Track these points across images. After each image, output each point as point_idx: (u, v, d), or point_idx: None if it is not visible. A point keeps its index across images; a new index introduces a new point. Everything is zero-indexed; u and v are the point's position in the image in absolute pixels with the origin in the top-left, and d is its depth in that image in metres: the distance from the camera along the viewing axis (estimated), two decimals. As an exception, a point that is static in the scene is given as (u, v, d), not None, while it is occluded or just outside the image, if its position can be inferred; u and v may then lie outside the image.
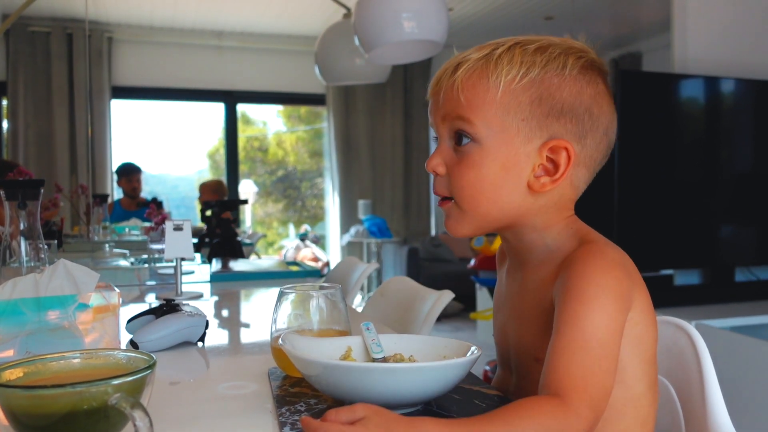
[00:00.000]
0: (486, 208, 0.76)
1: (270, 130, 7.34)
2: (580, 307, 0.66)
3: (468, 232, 0.79)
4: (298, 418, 0.72)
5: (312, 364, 0.72)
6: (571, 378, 0.62)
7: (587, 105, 0.74)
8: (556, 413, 0.60)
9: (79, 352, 0.66)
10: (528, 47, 0.74)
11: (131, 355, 0.66)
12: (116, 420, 0.59)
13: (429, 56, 2.67)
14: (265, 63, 6.12)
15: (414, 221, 6.46)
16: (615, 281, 0.68)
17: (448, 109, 0.76)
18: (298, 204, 7.36)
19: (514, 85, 0.73)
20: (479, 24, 5.72)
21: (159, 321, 1.09)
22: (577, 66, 0.74)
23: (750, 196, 3.24)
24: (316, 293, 0.90)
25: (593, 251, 0.70)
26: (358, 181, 6.27)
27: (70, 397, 0.56)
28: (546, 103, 0.73)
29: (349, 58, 3.09)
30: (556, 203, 0.77)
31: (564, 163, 0.73)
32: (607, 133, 0.77)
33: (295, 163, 7.40)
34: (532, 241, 0.78)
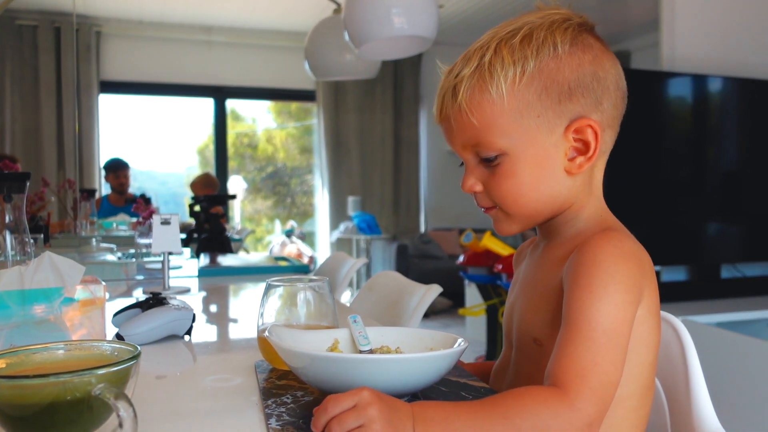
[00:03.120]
0: (532, 207, 0.76)
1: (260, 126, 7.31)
2: (588, 297, 0.65)
3: (518, 230, 0.79)
4: (284, 410, 0.72)
5: (299, 356, 0.72)
6: (573, 369, 0.61)
7: (591, 71, 0.73)
8: (554, 405, 0.59)
9: (63, 343, 0.65)
10: (513, 42, 0.72)
11: (116, 346, 0.66)
12: (100, 411, 0.59)
13: (418, 52, 2.67)
14: (255, 59, 6.09)
15: (403, 218, 6.46)
16: (626, 271, 0.67)
17: (465, 138, 0.75)
18: (288, 200, 7.34)
19: (516, 87, 0.72)
20: (469, 21, 5.72)
21: (145, 314, 1.08)
22: (567, 39, 0.72)
23: (736, 194, 3.27)
24: (303, 286, 0.90)
25: (609, 238, 0.69)
26: (347, 177, 6.27)
27: (53, 388, 0.56)
28: (553, 91, 0.72)
29: (338, 53, 3.08)
30: (589, 176, 0.77)
31: (593, 139, 0.73)
32: (618, 85, 0.76)
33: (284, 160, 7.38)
34: (564, 222, 0.78)
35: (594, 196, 0.78)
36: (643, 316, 0.70)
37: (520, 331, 0.80)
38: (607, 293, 0.65)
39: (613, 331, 0.64)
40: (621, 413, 0.72)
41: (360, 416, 0.56)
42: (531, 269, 0.82)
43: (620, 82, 0.76)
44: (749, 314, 2.96)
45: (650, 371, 0.74)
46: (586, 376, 0.61)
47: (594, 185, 0.78)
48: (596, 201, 0.78)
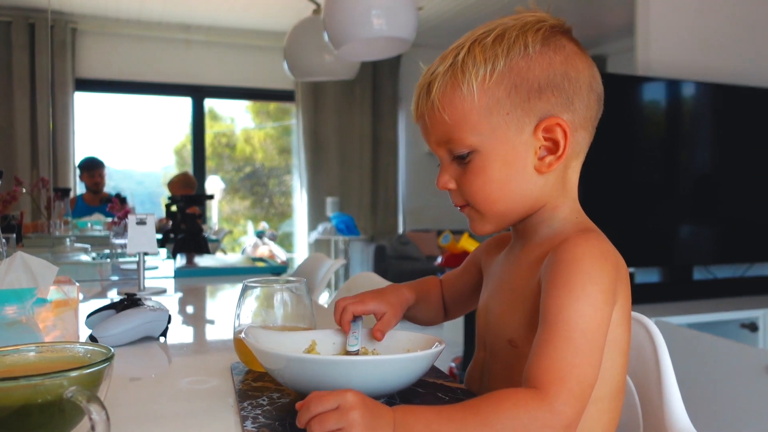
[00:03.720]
0: (503, 206, 0.76)
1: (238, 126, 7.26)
2: (566, 297, 0.65)
3: (492, 230, 0.80)
4: (260, 412, 0.72)
5: (275, 358, 0.71)
6: (551, 372, 0.62)
7: (562, 71, 0.73)
8: (533, 409, 0.59)
9: (34, 345, 0.64)
10: (486, 41, 0.74)
11: (88, 347, 0.65)
12: (72, 414, 0.58)
13: (398, 53, 2.67)
14: (234, 58, 6.06)
15: (381, 219, 6.46)
16: (603, 272, 0.67)
17: (439, 135, 0.77)
18: (266, 201, 7.30)
19: (486, 84, 0.72)
20: (449, 23, 5.74)
21: (120, 315, 1.07)
22: (538, 40, 0.73)
23: (708, 197, 3.32)
24: (280, 287, 0.89)
25: (587, 239, 0.70)
26: (326, 178, 6.25)
27: (23, 390, 0.55)
28: (522, 89, 0.73)
29: (318, 54, 3.08)
30: (562, 178, 0.77)
31: (561, 137, 0.73)
32: (592, 86, 0.76)
33: (263, 160, 7.34)
34: (539, 224, 0.78)
35: (569, 198, 0.78)
36: (618, 318, 0.71)
37: (495, 333, 0.80)
38: (585, 293, 0.65)
39: (590, 332, 0.64)
40: (594, 415, 0.72)
41: (341, 419, 0.56)
42: (506, 270, 0.82)
43: (594, 84, 0.76)
44: (720, 315, 3.01)
45: (622, 373, 0.74)
46: (564, 377, 0.61)
47: (568, 187, 0.78)
48: (571, 203, 0.78)
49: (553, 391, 0.60)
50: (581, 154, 0.78)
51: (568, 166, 0.77)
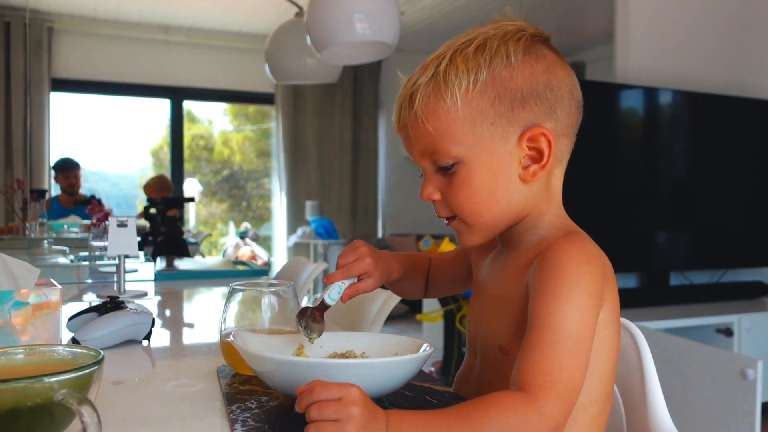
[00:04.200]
0: (489, 216, 0.76)
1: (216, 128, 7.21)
2: (553, 301, 0.66)
3: (481, 241, 0.80)
4: (249, 415, 0.71)
5: (265, 361, 0.71)
6: (540, 375, 0.62)
7: (544, 80, 0.74)
8: (519, 410, 0.59)
9: (22, 348, 0.63)
10: (467, 51, 0.73)
11: (76, 350, 0.64)
12: (61, 418, 0.57)
13: (380, 58, 2.68)
14: (214, 60, 6.02)
15: (361, 223, 6.46)
16: (590, 275, 0.68)
17: (422, 146, 0.76)
18: (243, 204, 7.26)
19: (470, 95, 0.72)
20: (430, 29, 5.77)
21: (103, 318, 1.06)
22: (520, 49, 0.73)
23: (684, 204, 3.38)
24: (267, 290, 0.89)
25: (573, 242, 0.71)
26: (305, 181, 6.23)
27: (13, 393, 0.54)
28: (506, 99, 0.72)
29: (299, 57, 3.08)
30: (546, 186, 0.78)
31: (546, 147, 0.74)
32: (572, 94, 0.76)
33: (241, 163, 7.30)
34: (525, 231, 0.79)
35: (553, 204, 0.79)
36: (605, 320, 0.71)
37: (485, 339, 0.80)
38: (572, 297, 0.66)
39: (578, 335, 0.65)
40: (583, 421, 0.72)
41: (340, 411, 0.56)
42: (494, 277, 0.82)
43: (575, 92, 0.77)
44: (696, 320, 3.06)
45: (611, 378, 0.75)
46: (552, 381, 0.62)
47: (552, 193, 0.79)
48: (556, 208, 0.79)
49: (542, 394, 0.61)
50: (563, 160, 0.79)
51: (552, 173, 0.78)
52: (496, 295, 0.80)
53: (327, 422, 0.56)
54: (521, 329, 0.72)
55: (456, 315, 3.26)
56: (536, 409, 0.60)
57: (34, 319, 1.05)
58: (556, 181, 0.79)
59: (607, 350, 0.73)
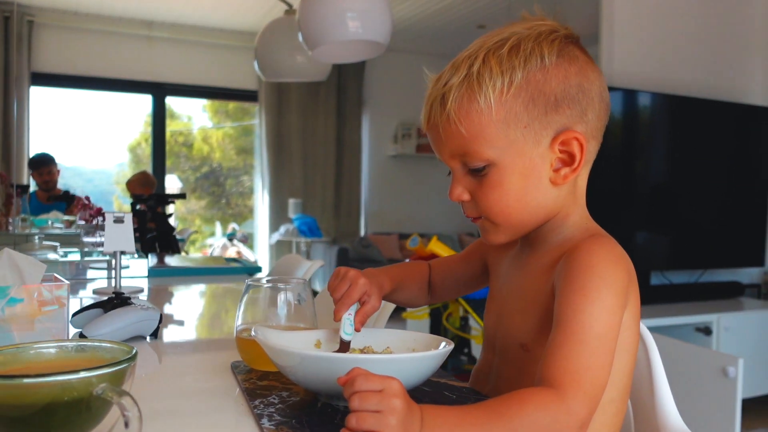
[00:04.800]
0: (518, 217, 0.76)
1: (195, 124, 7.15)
2: (582, 300, 0.67)
3: (507, 240, 0.80)
4: (274, 410, 0.72)
5: (290, 355, 0.72)
6: (568, 373, 0.63)
7: (577, 83, 0.73)
8: (550, 408, 0.60)
9: (55, 342, 0.63)
10: (501, 52, 0.73)
11: (106, 345, 0.64)
12: (97, 412, 0.57)
13: (372, 57, 2.69)
14: (197, 56, 5.97)
15: (344, 221, 6.46)
16: (617, 276, 0.69)
17: (453, 147, 0.75)
18: (222, 201, 7.21)
19: (504, 97, 0.72)
20: (413, 28, 5.79)
21: (111, 314, 1.06)
22: (554, 51, 0.73)
23: (664, 206, 3.44)
24: (284, 287, 0.90)
25: (601, 244, 0.71)
26: (288, 179, 6.22)
27: (51, 388, 0.54)
28: (540, 102, 0.72)
29: (289, 55, 3.07)
30: (573, 185, 0.78)
31: (578, 151, 0.74)
32: (602, 96, 0.76)
33: (220, 160, 7.25)
34: (550, 231, 0.79)
35: (578, 205, 0.80)
36: (627, 321, 0.72)
37: (506, 336, 0.81)
38: (600, 297, 0.67)
39: (604, 335, 0.66)
40: (602, 419, 0.73)
41: (382, 402, 0.56)
42: (516, 276, 0.83)
43: (604, 94, 0.77)
44: (676, 319, 3.12)
45: (629, 377, 0.76)
46: (580, 379, 0.63)
47: (578, 194, 0.80)
48: (580, 209, 0.80)
49: (571, 392, 0.62)
50: (590, 162, 0.79)
51: (579, 174, 0.78)
52: (518, 293, 0.80)
53: (368, 413, 0.56)
54: (545, 327, 0.74)
55: (443, 313, 3.28)
56: (565, 406, 0.61)
57: (40, 315, 1.04)
58: (581, 182, 0.80)
59: (627, 351, 0.74)
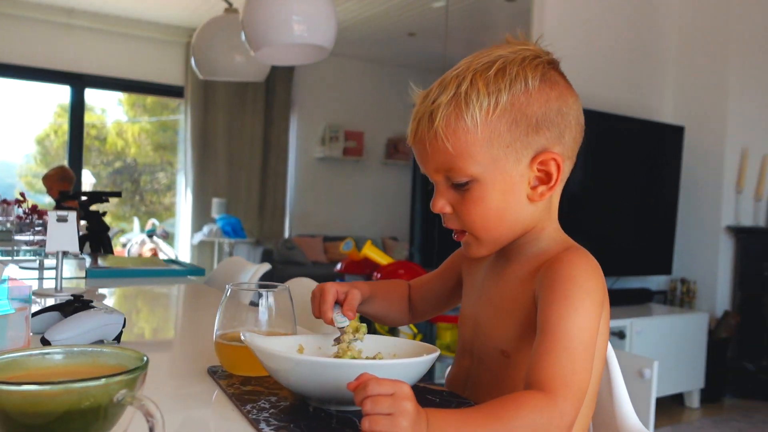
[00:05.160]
0: (498, 232, 0.81)
1: (109, 118, 6.88)
2: (565, 309, 0.72)
3: (487, 253, 0.85)
4: (268, 415, 0.73)
5: (283, 359, 0.74)
6: (556, 377, 0.68)
7: (557, 107, 0.79)
8: (543, 409, 0.65)
9: (60, 348, 0.62)
10: (488, 75, 0.77)
11: (109, 351, 0.64)
12: (113, 419, 0.57)
13: (315, 61, 2.70)
14: (120, 48, 5.76)
15: (268, 223, 6.40)
16: (596, 285, 0.74)
17: (439, 163, 0.79)
18: (136, 198, 6.97)
19: (489, 117, 0.76)
20: (345, 33, 5.81)
21: (74, 318, 1.03)
22: (537, 76, 0.78)
23: (580, 216, 3.62)
24: (266, 292, 0.91)
25: (579, 255, 0.77)
26: (213, 178, 6.10)
27: (70, 395, 0.54)
28: (522, 123, 0.77)
29: (228, 54, 3.03)
30: (548, 201, 0.83)
31: (555, 170, 0.79)
32: (578, 120, 0.82)
33: (136, 156, 7.01)
34: (525, 243, 0.84)
35: (552, 219, 0.85)
36: (601, 327, 0.78)
37: (485, 343, 0.85)
38: (582, 306, 0.72)
39: (587, 341, 0.71)
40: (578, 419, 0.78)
41: (394, 405, 0.58)
42: (495, 286, 0.87)
43: (580, 118, 0.83)
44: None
45: (599, 380, 0.82)
46: (568, 384, 0.68)
47: (552, 209, 0.85)
48: (554, 223, 0.85)
49: (561, 395, 0.67)
50: (564, 180, 0.85)
51: (554, 192, 0.83)
52: (497, 302, 0.85)
53: (381, 415, 0.58)
54: (525, 334, 0.79)
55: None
56: (557, 409, 0.66)
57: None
58: (555, 199, 0.85)
59: (600, 356, 0.80)
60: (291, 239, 6.27)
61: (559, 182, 0.81)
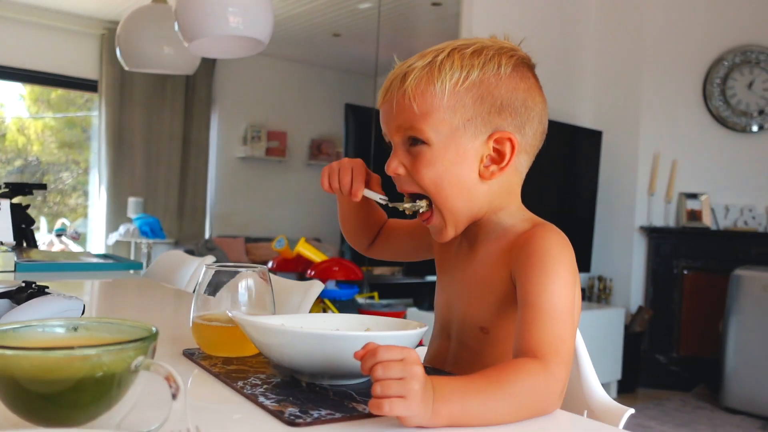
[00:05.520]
0: (454, 204, 0.83)
1: (9, 113, 6.47)
2: (545, 281, 0.75)
3: (454, 234, 0.86)
4: (263, 390, 0.73)
5: (282, 333, 0.73)
6: (546, 345, 0.71)
7: (522, 98, 0.83)
8: (539, 375, 0.68)
9: (59, 321, 0.59)
10: (465, 51, 0.82)
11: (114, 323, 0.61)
12: (125, 388, 0.55)
13: (250, 54, 2.65)
14: (26, 38, 5.44)
15: (188, 223, 6.21)
16: (570, 257, 0.79)
17: (401, 120, 0.82)
18: (38, 199, 6.60)
19: (458, 88, 0.80)
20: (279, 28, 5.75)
21: (30, 304, 0.97)
22: (510, 65, 0.82)
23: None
24: (246, 273, 0.89)
25: (550, 230, 0.81)
26: (129, 177, 5.85)
27: (84, 362, 0.51)
28: (487, 101, 0.81)
29: (156, 44, 2.93)
30: (507, 188, 0.86)
31: (509, 151, 0.82)
32: (541, 121, 0.86)
33: (38, 154, 6.64)
34: (488, 222, 0.87)
35: (512, 200, 0.88)
36: (576, 296, 0.81)
37: (463, 322, 0.88)
38: (560, 276, 0.76)
39: (568, 309, 0.75)
40: None
41: (405, 370, 0.60)
42: (466, 267, 0.89)
43: (543, 119, 0.87)
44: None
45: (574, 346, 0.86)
46: (558, 349, 0.71)
47: (511, 191, 0.87)
48: (515, 203, 0.88)
49: (553, 361, 0.70)
50: (522, 174, 0.89)
51: (510, 180, 0.86)
52: (472, 282, 0.87)
53: (392, 380, 0.60)
54: (502, 310, 0.83)
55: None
56: (551, 373, 0.69)
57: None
58: (515, 187, 0.88)
59: (576, 322, 0.83)
60: (212, 240, 6.11)
61: (512, 165, 0.84)
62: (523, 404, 0.67)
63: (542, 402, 0.69)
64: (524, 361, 0.70)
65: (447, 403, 0.62)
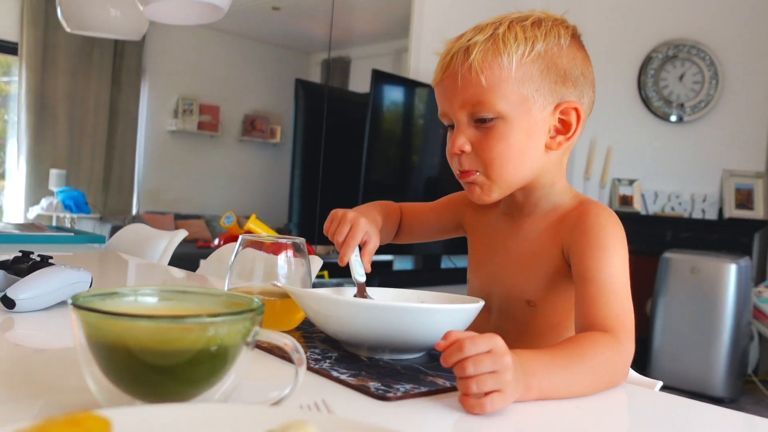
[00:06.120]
0: (512, 174, 0.83)
1: None
2: (603, 254, 0.77)
3: (497, 198, 0.85)
4: (329, 364, 0.70)
5: (345, 304, 0.72)
6: (612, 318, 0.73)
7: (581, 68, 0.84)
8: (614, 347, 0.70)
9: (152, 289, 0.55)
10: (525, 23, 0.81)
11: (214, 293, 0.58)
12: (231, 363, 0.52)
13: (208, 22, 2.54)
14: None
15: (114, 197, 5.94)
16: (622, 234, 0.81)
17: (468, 96, 0.81)
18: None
19: (524, 60, 0.80)
20: None
21: (38, 275, 0.90)
22: (568, 35, 0.83)
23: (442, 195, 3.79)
24: (286, 243, 0.86)
25: (602, 207, 0.83)
26: (51, 147, 5.52)
27: (202, 333, 0.48)
28: (552, 72, 0.81)
29: (102, 6, 2.76)
30: (559, 158, 0.87)
31: (575, 121, 0.83)
32: (593, 89, 0.87)
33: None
34: (540, 197, 0.87)
35: (562, 176, 0.89)
36: None
37: (508, 295, 0.88)
38: (616, 252, 0.78)
39: (626, 283, 0.78)
40: None
41: (496, 362, 0.59)
42: (512, 239, 0.90)
43: (594, 88, 0.88)
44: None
45: None
46: (624, 322, 0.74)
47: (562, 167, 0.89)
48: (563, 180, 0.90)
49: (622, 333, 0.72)
50: (575, 143, 0.89)
51: (565, 153, 0.88)
52: (519, 255, 0.88)
53: (486, 374, 0.58)
54: (550, 284, 0.84)
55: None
56: (621, 345, 0.71)
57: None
58: (566, 158, 0.89)
59: None
60: (139, 215, 5.88)
61: (576, 135, 0.85)
62: (602, 376, 0.68)
63: (616, 374, 0.70)
64: (599, 334, 0.72)
65: (536, 378, 0.63)
